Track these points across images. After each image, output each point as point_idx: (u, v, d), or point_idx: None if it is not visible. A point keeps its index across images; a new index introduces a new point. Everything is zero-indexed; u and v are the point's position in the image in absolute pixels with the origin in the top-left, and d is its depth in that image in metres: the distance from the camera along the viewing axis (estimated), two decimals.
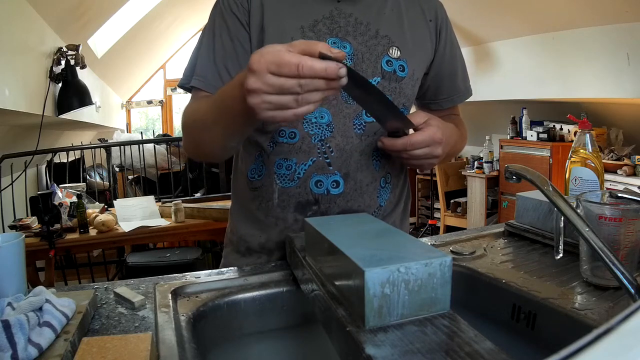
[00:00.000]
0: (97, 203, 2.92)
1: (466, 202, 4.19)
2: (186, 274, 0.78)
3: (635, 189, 2.62)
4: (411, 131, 0.76)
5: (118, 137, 4.73)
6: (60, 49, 2.81)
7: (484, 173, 4.02)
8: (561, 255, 0.70)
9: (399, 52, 0.83)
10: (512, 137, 3.79)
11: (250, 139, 0.85)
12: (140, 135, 4.27)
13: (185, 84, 0.82)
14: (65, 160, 3.58)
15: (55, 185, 2.89)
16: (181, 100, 6.44)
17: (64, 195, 2.75)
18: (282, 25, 0.79)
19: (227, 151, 0.80)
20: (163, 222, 2.56)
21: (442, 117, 0.92)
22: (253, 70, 0.54)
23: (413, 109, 0.98)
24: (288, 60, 0.52)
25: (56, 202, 2.46)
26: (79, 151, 3.68)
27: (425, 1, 0.89)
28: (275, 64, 0.53)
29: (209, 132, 0.74)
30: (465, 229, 1.78)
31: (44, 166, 3.81)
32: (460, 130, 0.92)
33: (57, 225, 2.34)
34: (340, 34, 0.80)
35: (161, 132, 5.87)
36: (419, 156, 0.74)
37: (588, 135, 0.89)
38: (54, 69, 2.77)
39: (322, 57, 0.53)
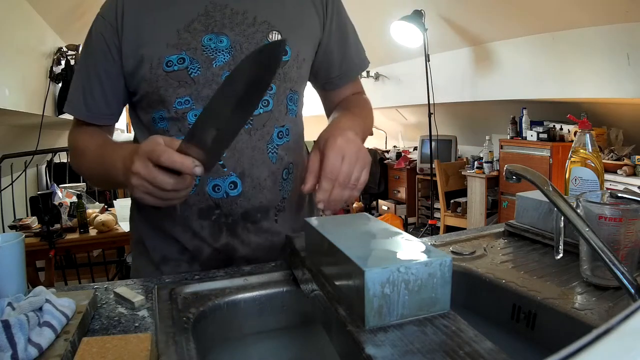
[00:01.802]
0: (97, 203, 2.92)
1: (466, 202, 4.19)
2: (186, 274, 0.78)
3: (635, 189, 2.62)
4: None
5: (118, 137, 4.73)
6: (60, 49, 2.81)
7: (484, 173, 4.02)
8: (561, 255, 0.70)
9: (279, 36, 0.80)
10: (512, 137, 3.79)
11: None
12: None
13: (64, 109, 0.87)
14: (65, 160, 3.58)
15: (55, 185, 2.89)
16: None
17: (64, 195, 2.75)
18: (157, 32, 0.77)
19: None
20: None
21: (342, 101, 0.93)
22: (139, 155, 0.61)
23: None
24: (158, 148, 0.60)
25: (56, 202, 2.46)
26: None
27: None
28: (150, 151, 0.60)
29: (94, 178, 0.84)
30: (465, 229, 1.78)
31: (44, 166, 3.81)
32: (361, 110, 0.88)
33: (57, 225, 2.35)
34: (215, 29, 0.78)
35: None
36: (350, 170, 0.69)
37: (588, 135, 0.89)
38: (54, 69, 2.77)
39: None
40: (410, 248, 0.50)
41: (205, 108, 0.60)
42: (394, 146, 5.73)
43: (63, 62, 2.83)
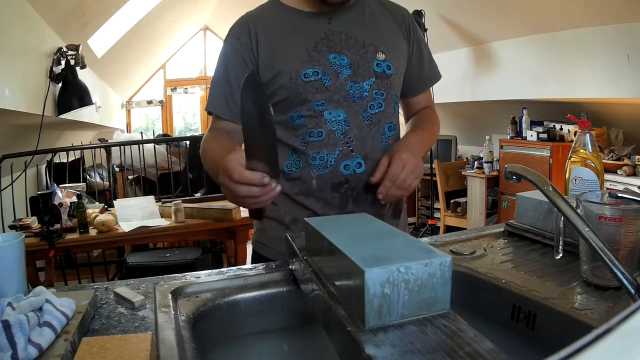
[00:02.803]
0: (97, 203, 2.92)
1: (466, 202, 4.19)
2: (186, 274, 0.78)
3: (635, 189, 2.62)
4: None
5: (118, 137, 4.73)
6: (60, 49, 2.81)
7: (484, 173, 4.02)
8: (561, 255, 0.70)
9: (384, 55, 1.02)
10: (512, 137, 3.79)
11: (281, 141, 1.01)
12: (140, 135, 4.26)
13: (207, 110, 1.07)
14: (65, 160, 3.58)
15: (55, 185, 2.89)
16: (181, 100, 6.44)
17: (64, 195, 2.75)
18: (290, 51, 0.98)
19: None
20: (163, 222, 2.56)
21: (417, 114, 1.16)
22: (222, 169, 0.77)
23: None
24: (230, 166, 0.74)
25: (56, 202, 2.46)
26: (79, 151, 3.68)
27: (394, 10, 1.09)
28: (225, 168, 0.75)
29: (211, 175, 0.98)
30: (465, 229, 1.78)
31: (44, 166, 3.81)
32: (431, 126, 1.11)
33: (57, 225, 2.34)
34: (337, 50, 0.99)
35: (161, 132, 5.87)
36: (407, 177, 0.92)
37: (588, 135, 0.89)
38: (54, 69, 2.77)
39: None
40: (410, 248, 0.50)
41: (244, 139, 0.75)
42: None
43: (63, 62, 2.82)
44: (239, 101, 0.97)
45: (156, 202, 2.78)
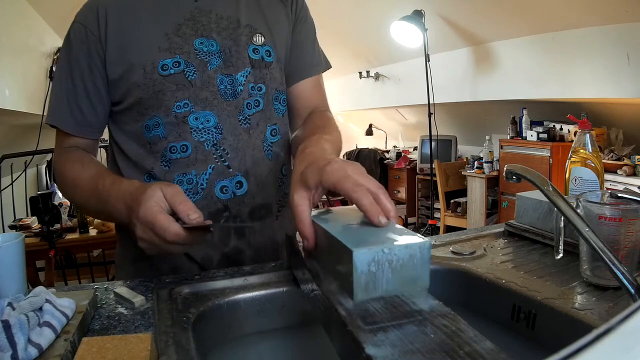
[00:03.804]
0: None
1: (466, 202, 4.19)
2: (186, 274, 0.78)
3: (635, 189, 2.62)
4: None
5: None
6: (60, 49, 2.81)
7: (484, 173, 4.02)
8: (561, 255, 0.70)
9: (262, 38, 0.83)
10: (512, 137, 3.79)
11: (136, 163, 0.81)
12: None
13: (47, 122, 0.83)
14: None
15: (55, 185, 2.89)
16: None
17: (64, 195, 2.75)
18: (145, 37, 0.77)
19: None
20: None
21: (307, 118, 0.90)
22: (140, 222, 0.62)
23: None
24: (160, 224, 0.60)
25: (56, 202, 2.46)
26: None
27: None
28: (151, 224, 0.60)
29: (91, 213, 0.82)
30: (465, 229, 1.78)
31: (44, 166, 3.81)
32: (328, 133, 0.79)
33: (57, 225, 2.35)
34: (205, 33, 0.79)
35: None
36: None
37: (588, 135, 0.89)
38: (53, 69, 2.77)
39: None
40: (394, 233, 0.52)
41: None
42: (394, 146, 5.73)
43: None
44: (87, 109, 0.78)
45: None
